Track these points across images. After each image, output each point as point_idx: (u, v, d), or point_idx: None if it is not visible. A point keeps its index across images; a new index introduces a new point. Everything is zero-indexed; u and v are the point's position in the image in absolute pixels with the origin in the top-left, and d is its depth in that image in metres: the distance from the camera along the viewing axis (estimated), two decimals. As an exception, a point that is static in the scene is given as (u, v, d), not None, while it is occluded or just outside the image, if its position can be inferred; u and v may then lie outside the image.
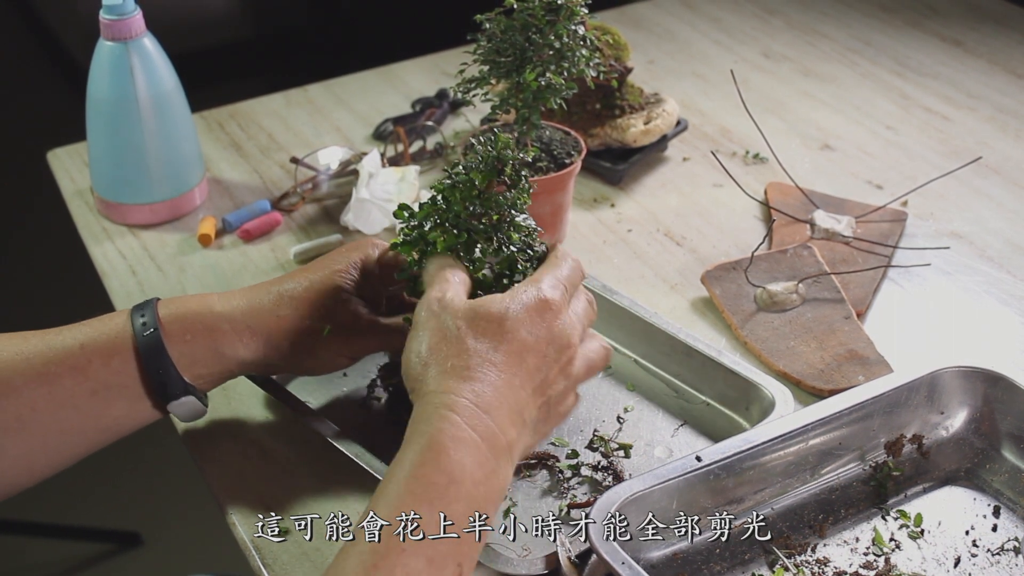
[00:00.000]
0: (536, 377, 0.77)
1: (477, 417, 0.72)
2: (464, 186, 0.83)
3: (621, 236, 1.22)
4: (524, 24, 1.00)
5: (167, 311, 0.83)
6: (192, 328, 0.83)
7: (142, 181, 1.20)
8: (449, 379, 0.74)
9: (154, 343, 0.81)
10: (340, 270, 0.87)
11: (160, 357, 0.81)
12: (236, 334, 0.84)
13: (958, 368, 0.92)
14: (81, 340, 0.81)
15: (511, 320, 0.76)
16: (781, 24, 1.71)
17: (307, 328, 0.85)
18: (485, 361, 0.75)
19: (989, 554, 0.85)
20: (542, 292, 0.78)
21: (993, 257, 1.19)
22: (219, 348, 0.83)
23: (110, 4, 1.13)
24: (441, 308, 0.77)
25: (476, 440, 0.72)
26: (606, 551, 0.75)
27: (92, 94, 1.17)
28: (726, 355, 0.98)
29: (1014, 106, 1.48)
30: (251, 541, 0.85)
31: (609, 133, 1.28)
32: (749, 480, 0.86)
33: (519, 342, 0.76)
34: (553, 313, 0.78)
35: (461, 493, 0.70)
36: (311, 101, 1.49)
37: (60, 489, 2.16)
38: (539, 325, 0.77)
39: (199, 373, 0.84)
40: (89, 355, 0.80)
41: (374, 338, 0.88)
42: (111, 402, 0.81)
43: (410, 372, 0.77)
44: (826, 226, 1.19)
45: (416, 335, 0.77)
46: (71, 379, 0.79)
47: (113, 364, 0.81)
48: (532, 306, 0.77)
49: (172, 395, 0.83)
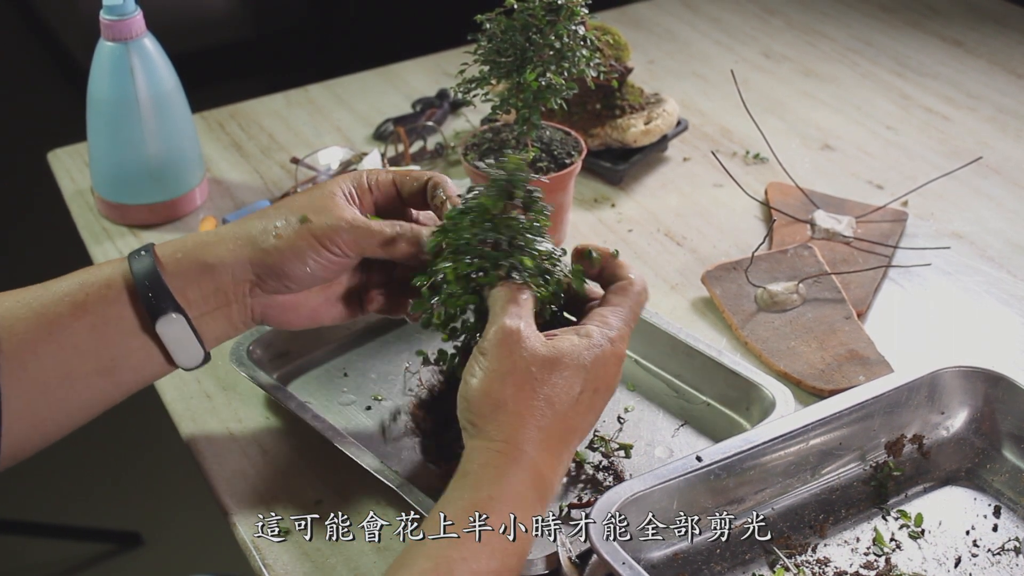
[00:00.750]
0: (588, 426, 0.78)
1: (539, 477, 0.73)
2: (476, 211, 0.80)
3: (622, 236, 1.22)
4: (524, 24, 1.00)
5: (163, 247, 0.83)
6: (183, 246, 0.83)
7: (142, 181, 1.20)
8: (522, 430, 0.73)
9: (145, 265, 0.81)
10: (330, 182, 0.86)
11: (150, 274, 0.80)
12: (222, 243, 0.82)
13: (959, 368, 0.92)
14: (80, 279, 0.81)
15: (587, 374, 0.75)
16: (781, 24, 1.71)
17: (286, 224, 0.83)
18: (558, 416, 0.74)
19: (990, 554, 0.85)
20: (616, 345, 0.77)
21: (993, 257, 1.19)
22: (207, 263, 0.82)
23: (110, 4, 1.13)
24: (517, 344, 0.75)
25: (534, 499, 0.73)
26: (606, 551, 0.75)
27: (92, 94, 1.17)
28: (726, 355, 0.98)
29: (1014, 106, 1.48)
30: (251, 541, 0.86)
31: (609, 133, 1.28)
32: (750, 480, 0.86)
33: (588, 400, 0.76)
34: (619, 362, 0.78)
35: (510, 549, 0.70)
36: (312, 101, 1.49)
37: (60, 489, 2.17)
38: (607, 375, 0.77)
39: (192, 299, 0.82)
40: (87, 290, 0.80)
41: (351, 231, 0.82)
42: (108, 336, 0.80)
43: (476, 407, 0.74)
44: (826, 226, 1.19)
45: (484, 365, 0.75)
46: (71, 316, 0.79)
47: (109, 294, 0.80)
48: (605, 357, 0.76)
49: (160, 310, 0.80)
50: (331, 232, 0.82)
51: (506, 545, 0.70)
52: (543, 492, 0.74)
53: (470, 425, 0.75)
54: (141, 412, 2.17)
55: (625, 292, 0.81)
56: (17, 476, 2.33)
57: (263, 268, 0.83)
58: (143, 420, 2.24)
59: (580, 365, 0.75)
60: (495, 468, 0.72)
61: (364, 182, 0.86)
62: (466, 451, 0.74)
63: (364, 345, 1.05)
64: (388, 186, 0.87)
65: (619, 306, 0.80)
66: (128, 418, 2.27)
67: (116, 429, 2.27)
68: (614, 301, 0.80)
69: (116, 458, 2.22)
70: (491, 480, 0.71)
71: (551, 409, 0.74)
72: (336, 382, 1.01)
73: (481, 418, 0.74)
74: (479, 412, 0.74)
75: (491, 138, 1.12)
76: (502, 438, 0.73)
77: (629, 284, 0.81)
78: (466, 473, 0.73)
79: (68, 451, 2.20)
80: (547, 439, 0.73)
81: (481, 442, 0.73)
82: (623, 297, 0.80)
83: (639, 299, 0.81)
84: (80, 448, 2.22)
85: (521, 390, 0.74)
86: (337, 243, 0.82)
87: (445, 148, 1.35)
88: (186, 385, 1.01)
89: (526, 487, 0.72)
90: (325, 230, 0.82)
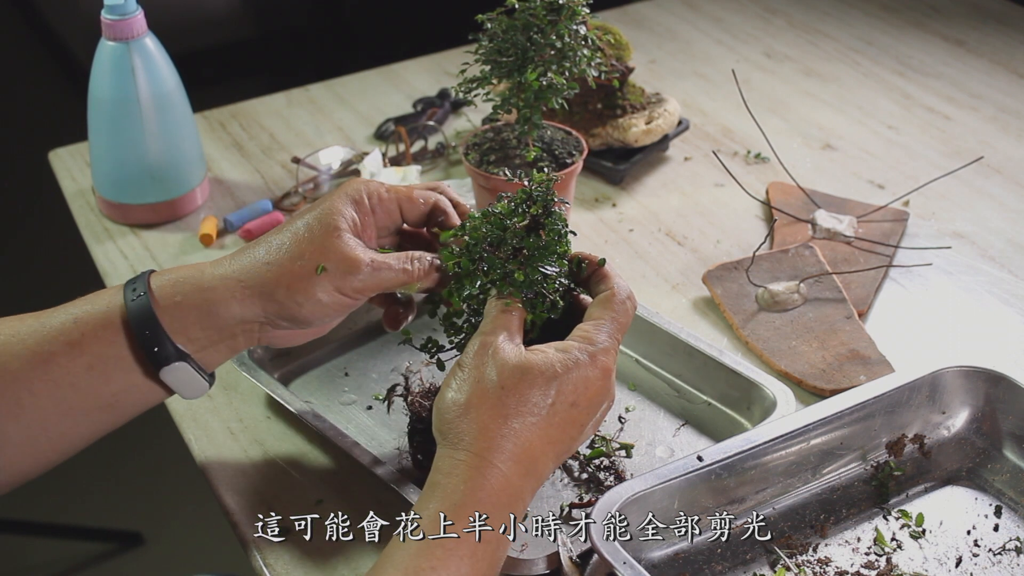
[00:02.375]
0: (569, 442, 0.76)
1: (506, 486, 0.72)
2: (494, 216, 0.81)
3: (623, 236, 1.22)
4: (526, 24, 1.00)
5: (159, 280, 0.81)
6: (182, 289, 0.80)
7: (144, 181, 1.20)
8: (486, 439, 0.72)
9: (142, 307, 0.79)
10: (331, 209, 0.82)
11: (148, 320, 0.78)
12: (228, 291, 0.80)
13: (960, 368, 0.92)
14: (75, 315, 0.79)
15: (561, 386, 0.74)
16: (783, 24, 1.71)
17: (299, 272, 0.80)
18: (524, 426, 0.73)
19: (991, 554, 0.85)
20: (597, 359, 0.76)
21: (995, 257, 1.19)
22: (211, 308, 0.80)
23: (112, 4, 1.13)
24: (487, 355, 0.75)
25: (502, 508, 0.72)
26: (607, 551, 0.75)
27: (94, 94, 1.17)
28: (727, 355, 0.98)
29: (1016, 106, 1.48)
30: (252, 541, 0.85)
31: (611, 133, 1.28)
32: (750, 480, 0.86)
33: (563, 412, 0.75)
34: (604, 376, 0.76)
35: (479, 554, 0.70)
36: (313, 101, 1.49)
37: (61, 489, 2.16)
38: (587, 390, 0.75)
39: (194, 336, 0.80)
40: (82, 329, 0.78)
41: (371, 277, 0.81)
42: (108, 375, 0.79)
43: (444, 415, 0.75)
44: (827, 226, 1.19)
45: (459, 375, 0.75)
46: (66, 356, 0.78)
47: (106, 335, 0.79)
48: (582, 371, 0.75)
49: (163, 360, 0.79)
50: (351, 279, 0.80)
51: (475, 552, 0.70)
52: (511, 502, 0.72)
53: (439, 433, 0.75)
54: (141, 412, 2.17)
55: (606, 304, 0.79)
56: (18, 475, 2.30)
57: (277, 316, 0.81)
58: (144, 420, 2.24)
59: (550, 377, 0.74)
60: (458, 476, 0.71)
61: (367, 205, 0.84)
62: (435, 459, 0.74)
63: (365, 345, 1.05)
64: (391, 209, 0.85)
65: (600, 319, 0.78)
66: (129, 418, 2.28)
67: (116, 429, 2.27)
68: (595, 315, 0.79)
69: (117, 458, 2.21)
70: (455, 489, 0.71)
71: (519, 420, 0.73)
72: (337, 382, 1.01)
73: (447, 425, 0.74)
74: (446, 420, 0.74)
75: (492, 138, 1.12)
76: (466, 447, 0.72)
77: (611, 296, 0.80)
78: (433, 483, 0.73)
79: (69, 451, 2.20)
80: (515, 449, 0.73)
81: (447, 451, 0.73)
82: (604, 310, 0.79)
83: (622, 309, 0.79)
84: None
85: (486, 399, 0.74)
86: (357, 287, 0.81)
87: (446, 148, 1.34)
88: (187, 385, 1.01)
89: (492, 496, 0.71)
90: (345, 279, 0.80)
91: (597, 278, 0.82)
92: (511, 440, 0.72)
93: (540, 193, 0.80)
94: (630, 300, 0.80)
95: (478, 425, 0.73)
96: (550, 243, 0.80)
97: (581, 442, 0.78)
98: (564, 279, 0.81)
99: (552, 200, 0.81)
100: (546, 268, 0.79)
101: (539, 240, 0.80)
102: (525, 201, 0.81)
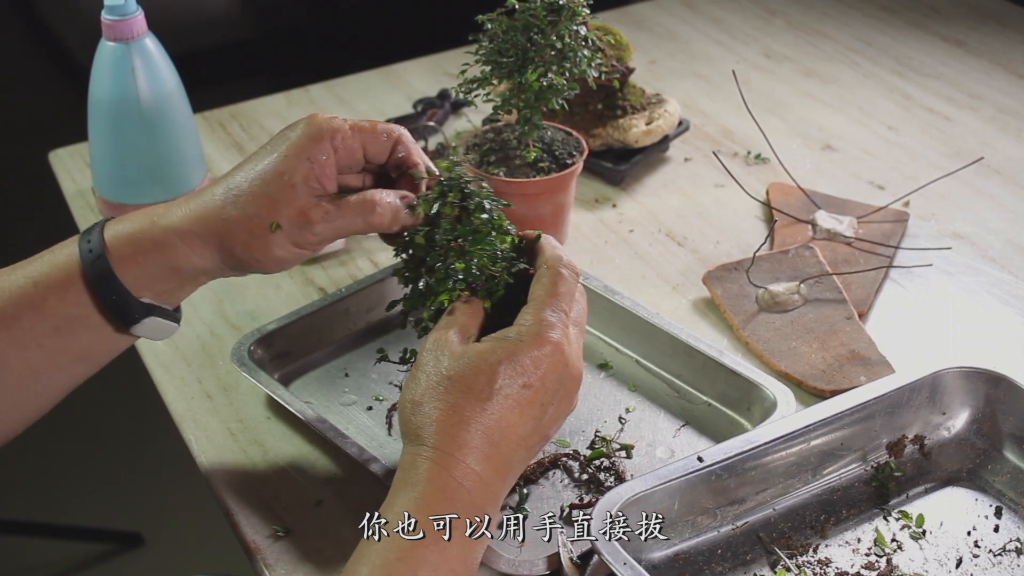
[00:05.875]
0: (531, 424, 0.74)
1: (468, 475, 0.71)
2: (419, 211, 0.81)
3: (623, 236, 1.22)
4: (526, 24, 1.00)
5: (113, 233, 0.79)
6: (141, 247, 0.79)
7: (144, 181, 1.20)
8: (438, 430, 0.72)
9: (103, 271, 0.78)
10: (286, 156, 0.80)
11: (111, 283, 0.78)
12: (186, 246, 0.79)
13: (960, 369, 0.92)
14: (34, 278, 0.78)
15: (505, 371, 0.73)
16: (782, 24, 1.71)
17: (254, 229, 0.79)
18: (475, 413, 0.72)
19: (991, 555, 0.85)
20: (543, 333, 0.74)
21: (995, 257, 1.19)
22: (172, 263, 0.79)
23: (112, 4, 1.13)
24: (438, 348, 0.75)
25: (466, 498, 0.71)
26: (608, 551, 0.75)
27: (94, 94, 1.17)
28: (728, 356, 0.98)
29: (1016, 106, 1.48)
30: (252, 542, 0.86)
31: (611, 133, 1.28)
32: (751, 481, 0.86)
33: (515, 395, 0.73)
34: (555, 352, 0.75)
35: (447, 553, 0.69)
36: (313, 101, 1.49)
37: (61, 489, 2.16)
38: (540, 369, 0.74)
39: (159, 290, 0.80)
40: (44, 292, 0.78)
41: (327, 226, 0.80)
42: (76, 334, 0.79)
43: (402, 413, 0.75)
44: (828, 226, 1.19)
45: (414, 375, 0.76)
46: (30, 320, 0.77)
47: (69, 297, 0.78)
48: (531, 353, 0.74)
49: (132, 319, 0.79)
50: (306, 234, 0.80)
51: (441, 543, 0.69)
52: (476, 489, 0.71)
53: (402, 433, 0.75)
54: (142, 412, 2.17)
55: (543, 280, 0.78)
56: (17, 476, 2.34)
57: (237, 267, 0.81)
58: (144, 420, 2.24)
59: (493, 362, 0.73)
60: (419, 471, 0.71)
61: (328, 146, 0.80)
62: (400, 458, 0.74)
63: (365, 345, 1.05)
64: (354, 148, 0.82)
65: (539, 297, 0.77)
66: (129, 418, 2.28)
67: (117, 429, 2.27)
68: (534, 294, 0.78)
69: (117, 458, 2.21)
70: (417, 483, 0.71)
71: (469, 408, 0.72)
72: (337, 382, 1.01)
73: (406, 424, 0.74)
74: (403, 418, 0.75)
75: (492, 138, 1.12)
76: (423, 441, 0.72)
77: (545, 271, 0.78)
78: (397, 480, 0.72)
79: (69, 451, 2.20)
80: (470, 437, 0.72)
81: (408, 447, 0.73)
82: (542, 286, 0.78)
83: (559, 279, 0.78)
84: (81, 448, 2.23)
85: (435, 392, 0.73)
86: (313, 241, 0.80)
87: (446, 148, 1.34)
88: (187, 385, 1.01)
89: (454, 487, 0.71)
90: (300, 234, 0.80)
91: (534, 253, 0.81)
92: (465, 429, 0.72)
93: (452, 181, 0.81)
94: (567, 268, 0.79)
95: (430, 418, 0.73)
96: (481, 225, 0.80)
97: (551, 424, 0.76)
98: (511, 255, 0.81)
99: (466, 183, 0.80)
100: (485, 250, 0.79)
101: (469, 224, 0.80)
102: (441, 194, 0.81)
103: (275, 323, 1.01)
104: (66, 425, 2.25)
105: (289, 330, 1.01)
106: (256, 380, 0.95)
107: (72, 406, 0.93)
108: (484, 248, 0.80)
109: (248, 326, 1.07)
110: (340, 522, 0.87)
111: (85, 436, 2.25)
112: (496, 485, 0.73)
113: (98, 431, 2.26)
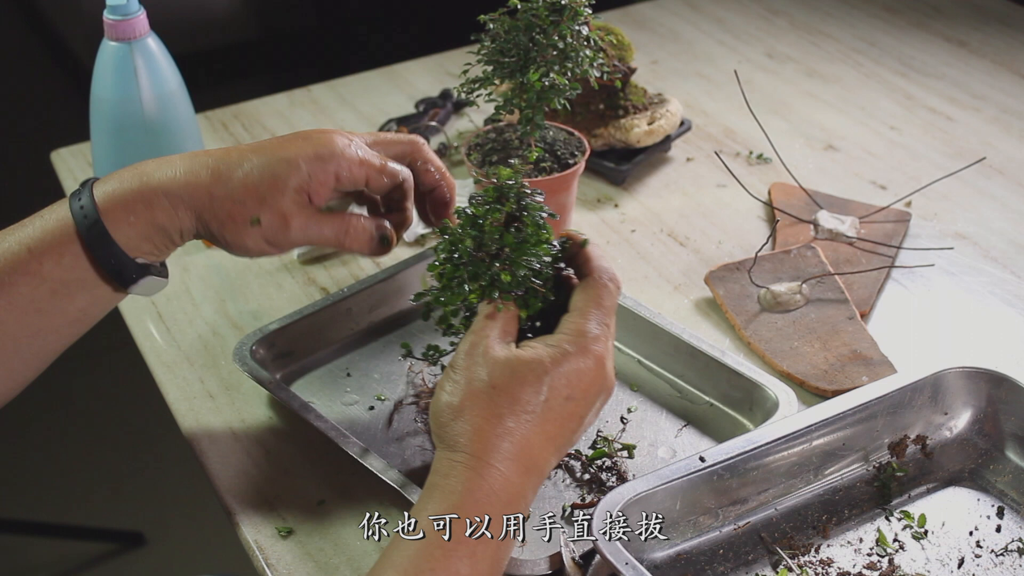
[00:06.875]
0: (569, 435, 0.75)
1: (506, 485, 0.71)
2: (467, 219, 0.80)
3: (625, 236, 1.22)
4: (528, 24, 1.00)
5: (104, 194, 0.80)
6: (133, 207, 0.79)
7: (146, 181, 1.20)
8: (481, 439, 0.72)
9: (99, 234, 0.78)
10: (288, 162, 0.81)
11: (108, 246, 0.78)
12: (172, 208, 0.80)
13: (962, 369, 0.92)
14: (27, 244, 0.79)
15: (552, 380, 0.73)
16: (785, 24, 1.71)
17: (236, 214, 0.80)
18: (520, 424, 0.72)
19: (993, 555, 0.85)
20: (588, 347, 0.75)
21: (997, 258, 1.19)
22: (163, 225, 0.80)
23: (114, 4, 1.13)
24: (477, 355, 0.75)
25: (500, 508, 0.71)
26: (610, 551, 0.75)
27: (96, 94, 1.17)
28: (730, 356, 0.98)
29: (1018, 106, 1.48)
30: (254, 541, 0.86)
31: (613, 133, 1.28)
32: (753, 481, 0.86)
33: (558, 407, 0.74)
34: (598, 366, 0.75)
35: (478, 555, 0.69)
36: (315, 101, 1.49)
37: (62, 489, 2.17)
38: (580, 382, 0.74)
39: (148, 250, 0.81)
40: (39, 258, 0.78)
41: (302, 235, 0.82)
42: (72, 296, 0.79)
43: (439, 418, 0.74)
44: (830, 227, 1.19)
45: (452, 377, 0.75)
46: (27, 285, 0.78)
47: (65, 261, 0.79)
48: (575, 365, 0.74)
49: (130, 279, 0.80)
50: (281, 237, 0.81)
51: (474, 552, 0.69)
52: (511, 501, 0.72)
53: (436, 437, 0.75)
54: (143, 412, 2.18)
55: (589, 291, 0.78)
56: (18, 476, 2.34)
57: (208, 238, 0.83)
58: (145, 420, 2.24)
59: (540, 372, 0.73)
60: (456, 478, 0.71)
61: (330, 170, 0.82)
62: (434, 462, 0.74)
63: (367, 345, 1.05)
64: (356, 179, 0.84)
65: (585, 307, 0.77)
66: (131, 418, 2.28)
67: (118, 429, 2.28)
68: (580, 303, 0.78)
69: (118, 458, 2.22)
70: (453, 490, 0.71)
71: (512, 418, 0.72)
72: (339, 382, 1.01)
73: (443, 428, 0.74)
74: (441, 422, 0.74)
75: (494, 138, 1.12)
76: (462, 448, 0.72)
77: (592, 282, 0.79)
78: (432, 485, 0.72)
79: (70, 451, 2.20)
80: (512, 448, 0.72)
81: (444, 453, 0.73)
82: (587, 297, 0.78)
83: (606, 293, 0.78)
84: (82, 448, 2.23)
85: (478, 399, 0.73)
86: (284, 244, 0.82)
87: (448, 148, 1.35)
88: (189, 385, 1.01)
89: (490, 496, 0.71)
90: (276, 234, 0.81)
91: (580, 260, 0.81)
92: (507, 439, 0.72)
93: (509, 189, 0.80)
94: (612, 282, 0.79)
95: (472, 426, 0.72)
96: (530, 236, 0.79)
97: (581, 434, 0.77)
98: (552, 268, 0.80)
99: (524, 193, 0.80)
100: (531, 262, 0.78)
101: (518, 235, 0.79)
102: (497, 199, 0.80)
103: (277, 323, 1.01)
104: (68, 425, 2.26)
105: (291, 330, 1.01)
106: (258, 380, 0.95)
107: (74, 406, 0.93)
108: (531, 259, 0.79)
109: (250, 326, 1.07)
110: (342, 522, 0.87)
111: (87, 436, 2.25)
112: (528, 496, 0.74)
113: (100, 431, 2.27)
